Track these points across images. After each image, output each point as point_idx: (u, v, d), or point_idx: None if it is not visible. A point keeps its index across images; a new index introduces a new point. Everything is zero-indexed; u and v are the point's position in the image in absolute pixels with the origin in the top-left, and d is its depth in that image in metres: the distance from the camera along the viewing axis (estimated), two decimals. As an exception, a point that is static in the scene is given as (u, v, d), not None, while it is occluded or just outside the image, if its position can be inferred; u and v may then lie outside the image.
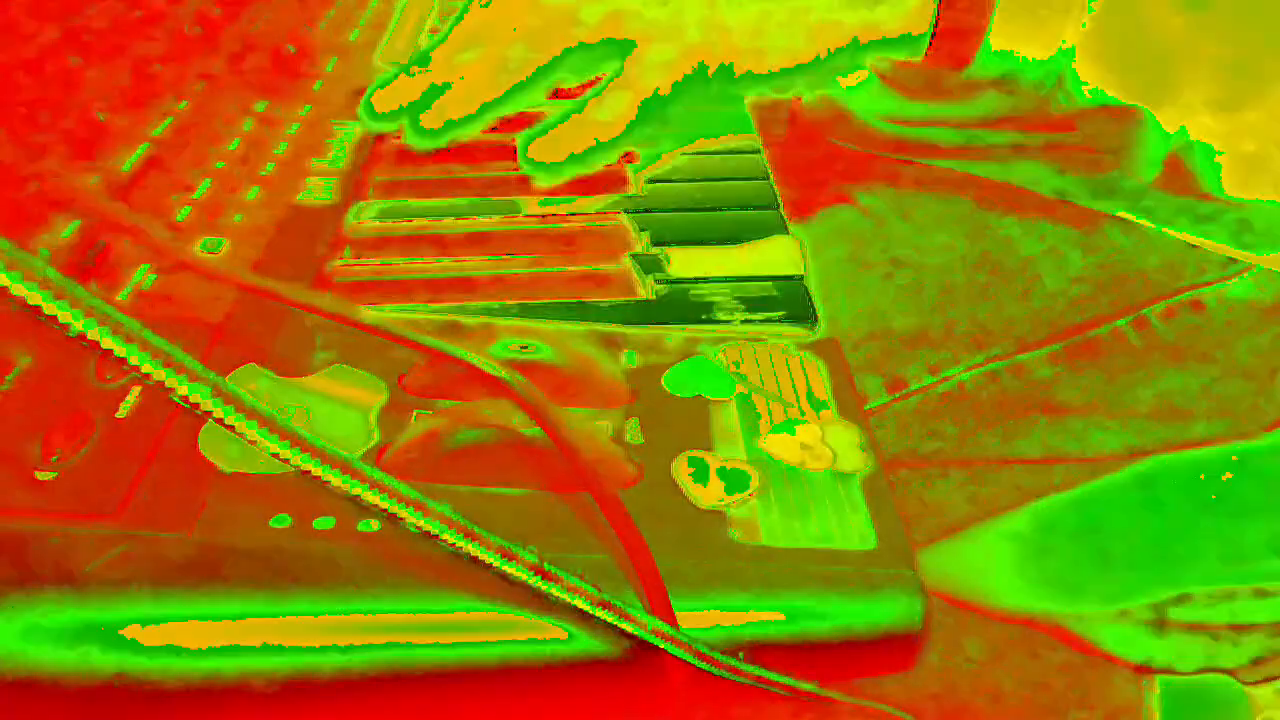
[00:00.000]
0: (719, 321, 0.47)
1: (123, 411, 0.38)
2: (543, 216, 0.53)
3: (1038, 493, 0.67)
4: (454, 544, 0.31)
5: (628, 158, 0.52)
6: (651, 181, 0.57)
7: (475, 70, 0.51)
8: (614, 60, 0.51)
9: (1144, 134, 0.52)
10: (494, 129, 0.51)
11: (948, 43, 0.50)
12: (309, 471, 0.29)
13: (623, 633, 0.32)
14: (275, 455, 0.28)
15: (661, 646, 0.32)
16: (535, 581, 0.31)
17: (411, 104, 0.51)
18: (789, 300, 0.48)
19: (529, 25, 0.51)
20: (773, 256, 0.51)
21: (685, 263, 0.50)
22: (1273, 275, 0.64)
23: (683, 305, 0.48)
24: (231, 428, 0.28)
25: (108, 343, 0.26)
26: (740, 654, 0.33)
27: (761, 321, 0.47)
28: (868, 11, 0.50)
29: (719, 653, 0.33)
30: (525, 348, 0.42)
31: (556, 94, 0.52)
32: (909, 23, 0.49)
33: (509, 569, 0.31)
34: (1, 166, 0.47)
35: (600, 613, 0.32)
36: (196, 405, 0.28)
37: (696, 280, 0.49)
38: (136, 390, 0.38)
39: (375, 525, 0.34)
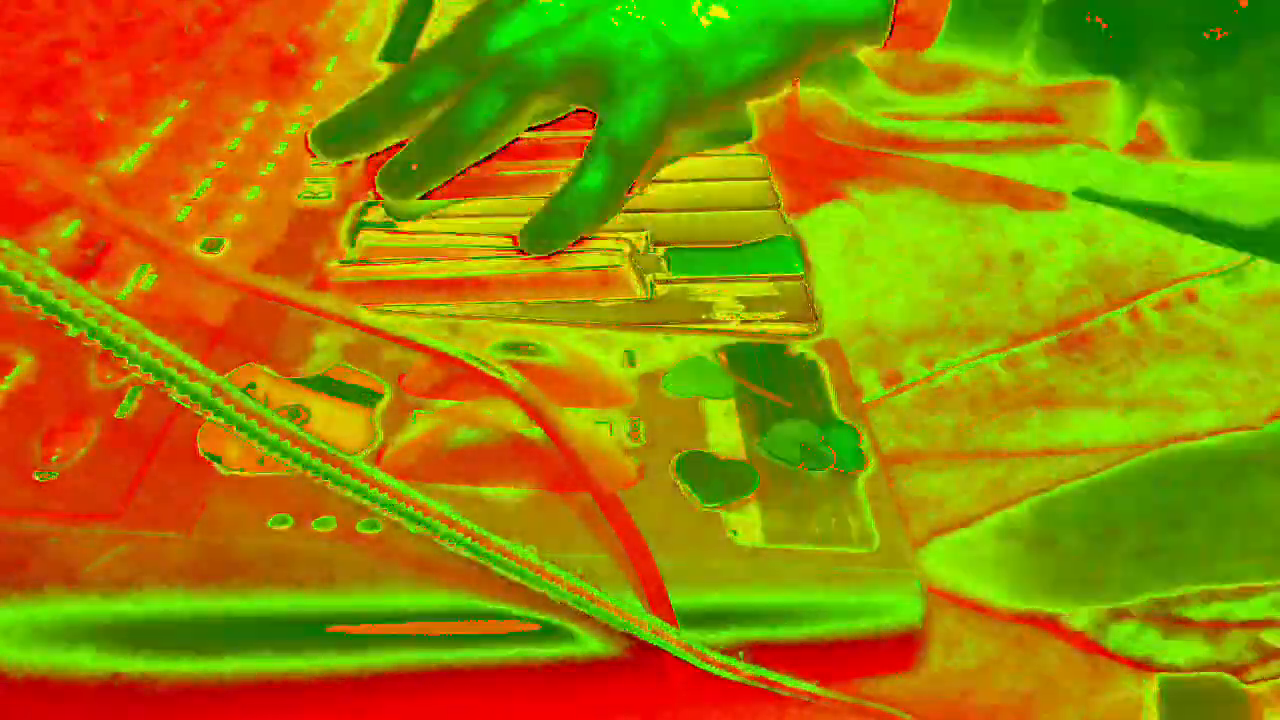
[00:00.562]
0: (719, 321, 0.47)
1: (123, 411, 0.38)
2: None
3: (1036, 486, 0.67)
4: (454, 544, 0.31)
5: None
6: (652, 181, 0.57)
7: (435, 123, 0.50)
8: (581, 101, 0.50)
9: (1114, 104, 0.52)
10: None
11: (908, 25, 0.50)
12: (309, 471, 0.29)
13: (623, 633, 0.32)
14: (275, 455, 0.28)
15: (661, 646, 0.32)
16: (535, 581, 0.31)
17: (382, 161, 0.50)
18: (789, 300, 0.48)
19: (483, 69, 0.49)
20: (773, 256, 0.51)
21: (685, 263, 0.50)
22: (1267, 265, 0.64)
23: (683, 305, 0.48)
24: (231, 428, 0.28)
25: (108, 343, 0.26)
26: (740, 654, 0.33)
27: (762, 321, 0.47)
28: None
29: (719, 653, 0.33)
30: (525, 348, 0.42)
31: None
32: (870, 7, 0.50)
33: (509, 569, 0.31)
34: (1, 166, 0.47)
35: (600, 613, 0.32)
36: (196, 405, 0.28)
37: (696, 280, 0.49)
38: (136, 390, 0.38)
39: (376, 525, 0.34)
